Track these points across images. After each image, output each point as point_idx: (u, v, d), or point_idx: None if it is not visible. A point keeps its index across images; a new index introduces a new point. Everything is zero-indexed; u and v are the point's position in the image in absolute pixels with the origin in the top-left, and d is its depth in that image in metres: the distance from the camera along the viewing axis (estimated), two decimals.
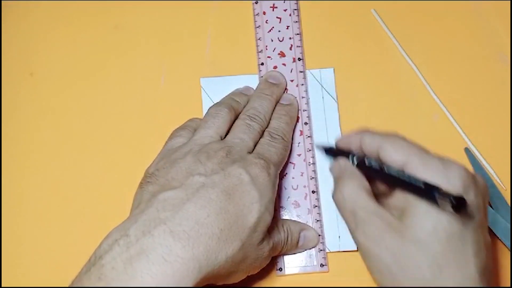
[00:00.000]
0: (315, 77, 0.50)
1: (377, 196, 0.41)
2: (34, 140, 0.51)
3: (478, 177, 0.39)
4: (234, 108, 0.46)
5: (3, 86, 0.52)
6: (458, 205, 0.34)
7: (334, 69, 0.50)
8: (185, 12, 0.53)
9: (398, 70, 0.51)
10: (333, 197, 0.42)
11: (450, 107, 0.50)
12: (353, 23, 0.52)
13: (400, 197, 0.40)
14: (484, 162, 0.48)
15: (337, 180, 0.43)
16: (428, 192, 0.36)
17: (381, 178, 0.42)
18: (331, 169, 0.45)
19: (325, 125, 0.49)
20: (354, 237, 0.41)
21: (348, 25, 0.52)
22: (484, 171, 0.48)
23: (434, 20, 0.52)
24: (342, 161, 0.43)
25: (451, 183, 0.37)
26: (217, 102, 0.48)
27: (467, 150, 0.48)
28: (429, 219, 0.37)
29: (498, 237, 0.46)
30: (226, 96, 0.49)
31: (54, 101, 0.52)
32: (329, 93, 0.50)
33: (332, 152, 0.46)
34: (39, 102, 0.52)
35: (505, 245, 0.46)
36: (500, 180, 0.48)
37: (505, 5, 0.52)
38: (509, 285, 0.45)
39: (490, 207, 0.46)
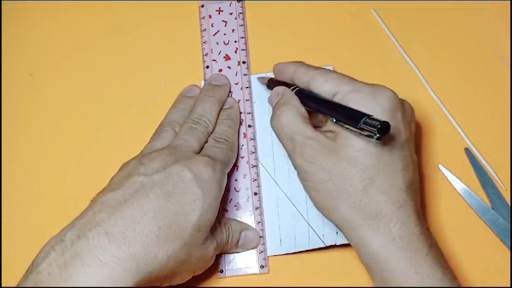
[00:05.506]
0: None
1: (314, 125, 0.43)
2: (34, 140, 0.51)
3: (406, 103, 0.43)
4: (178, 123, 0.46)
5: (3, 87, 0.52)
6: (384, 129, 0.36)
7: (333, 67, 0.50)
8: (185, 13, 0.53)
9: (398, 70, 0.51)
10: (271, 123, 0.44)
11: (450, 107, 0.50)
12: (353, 23, 0.52)
13: (333, 123, 0.42)
14: (484, 162, 0.48)
15: (275, 108, 0.45)
16: (356, 119, 0.38)
17: (317, 108, 0.43)
18: (269, 98, 0.47)
19: None
20: (292, 161, 0.43)
21: (348, 25, 0.52)
22: (484, 171, 0.48)
23: (434, 20, 0.52)
24: (281, 88, 0.46)
25: (379, 104, 0.40)
26: (162, 121, 0.47)
27: (467, 150, 0.48)
28: (360, 138, 0.39)
29: (498, 237, 0.46)
30: (171, 107, 0.49)
31: (54, 101, 0.52)
32: None
33: (273, 83, 0.48)
34: (39, 102, 0.52)
35: (505, 245, 0.45)
36: (500, 180, 0.48)
37: (505, 5, 0.52)
38: (509, 285, 0.45)
39: (490, 207, 0.46)
